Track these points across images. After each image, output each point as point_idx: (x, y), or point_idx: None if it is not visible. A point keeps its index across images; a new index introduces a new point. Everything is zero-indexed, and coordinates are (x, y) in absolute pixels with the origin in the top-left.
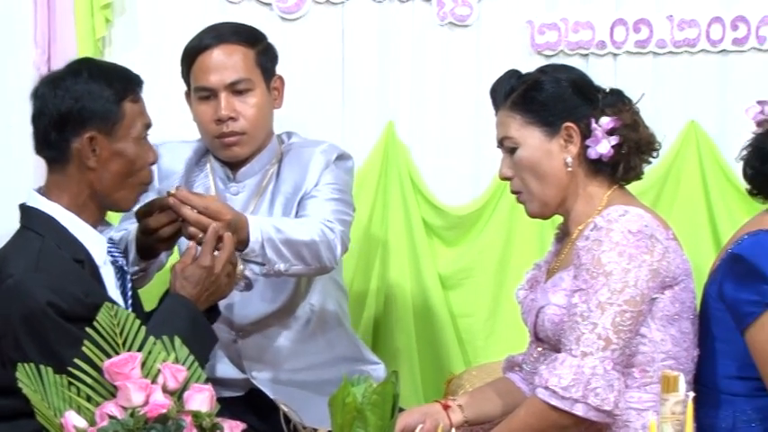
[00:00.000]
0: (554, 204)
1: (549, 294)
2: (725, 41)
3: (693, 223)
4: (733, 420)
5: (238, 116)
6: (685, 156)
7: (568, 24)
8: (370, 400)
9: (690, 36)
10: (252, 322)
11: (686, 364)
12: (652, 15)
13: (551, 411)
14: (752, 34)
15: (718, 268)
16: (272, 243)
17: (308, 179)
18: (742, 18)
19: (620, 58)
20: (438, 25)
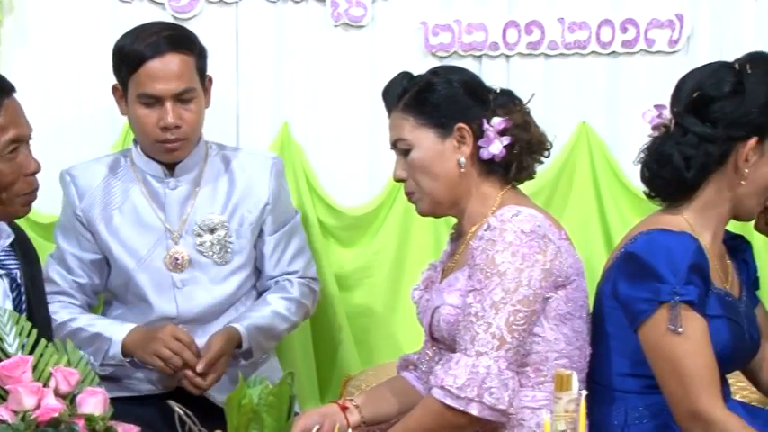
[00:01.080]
0: (446, 204)
1: (444, 294)
2: (615, 44)
3: (585, 223)
4: (625, 417)
5: (182, 123)
6: (577, 156)
7: (462, 26)
8: (266, 402)
9: (580, 38)
10: (194, 317)
11: (579, 363)
12: (543, 17)
13: (446, 411)
14: (641, 37)
15: (611, 267)
16: (263, 346)
17: (260, 188)
18: (631, 21)
19: (513, 60)
20: (332, 26)
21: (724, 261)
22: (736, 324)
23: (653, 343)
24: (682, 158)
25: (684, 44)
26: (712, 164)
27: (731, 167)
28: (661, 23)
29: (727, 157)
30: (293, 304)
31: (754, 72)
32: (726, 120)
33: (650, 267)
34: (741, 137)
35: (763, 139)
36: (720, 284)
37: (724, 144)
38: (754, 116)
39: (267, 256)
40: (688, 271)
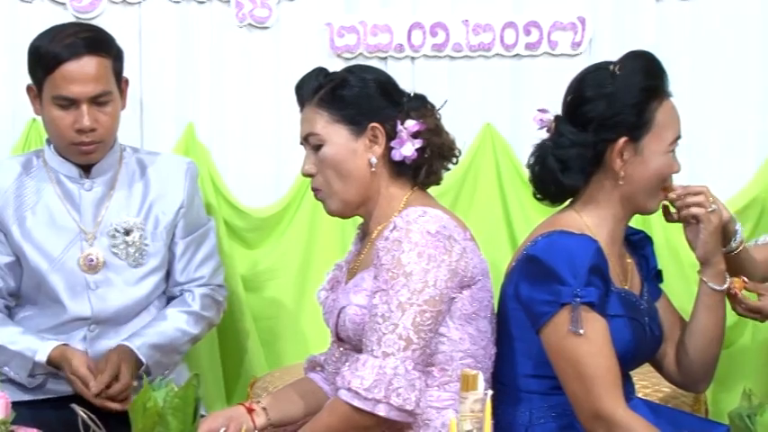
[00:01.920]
0: (355, 204)
1: (350, 295)
2: (518, 46)
3: (491, 224)
4: (530, 417)
5: (98, 126)
6: (482, 158)
7: (367, 27)
8: (171, 405)
9: (485, 40)
10: (107, 318)
11: (484, 363)
12: (448, 19)
13: (354, 412)
14: (544, 39)
15: (514, 268)
16: (163, 363)
17: (175, 190)
18: (534, 23)
19: (418, 62)
20: (237, 27)
21: (624, 260)
22: (637, 322)
23: (555, 345)
24: (556, 161)
25: (587, 46)
26: (589, 166)
27: (609, 168)
28: (564, 26)
29: (603, 158)
30: (192, 318)
31: (623, 73)
32: (596, 122)
33: (551, 270)
34: (612, 138)
35: (636, 138)
36: (620, 284)
37: (597, 146)
38: (622, 117)
39: (176, 260)
40: (588, 273)
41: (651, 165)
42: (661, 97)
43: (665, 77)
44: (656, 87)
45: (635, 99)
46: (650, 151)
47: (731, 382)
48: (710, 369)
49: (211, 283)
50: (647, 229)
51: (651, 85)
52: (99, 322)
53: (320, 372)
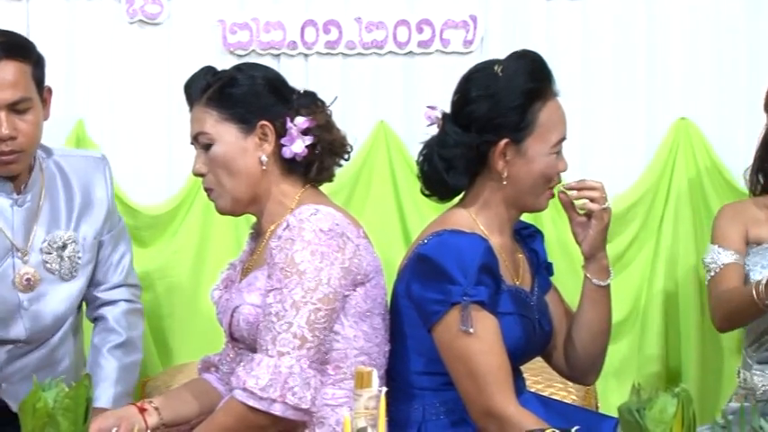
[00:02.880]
0: (245, 202)
1: (243, 294)
2: (411, 44)
3: (384, 221)
4: (423, 413)
5: (18, 134)
6: (375, 155)
7: (259, 24)
8: (62, 405)
9: (378, 38)
10: (40, 336)
11: (378, 360)
12: (341, 17)
13: (249, 412)
14: (436, 37)
15: (405, 267)
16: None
17: (99, 195)
18: (427, 21)
19: (311, 59)
20: (128, 23)
21: (515, 256)
22: (527, 319)
23: (446, 343)
24: (441, 160)
25: (479, 45)
26: (473, 166)
27: (493, 169)
28: (456, 24)
29: (487, 158)
30: (128, 347)
31: (505, 74)
32: (478, 122)
33: (441, 269)
34: (494, 139)
35: (518, 140)
36: (511, 281)
37: (480, 146)
38: (504, 119)
39: (99, 262)
40: (478, 272)
41: (534, 166)
42: (545, 98)
43: (550, 78)
44: (539, 89)
45: (517, 101)
46: (534, 152)
47: (621, 377)
48: (598, 362)
49: (128, 283)
50: (537, 224)
51: (534, 86)
52: (32, 341)
53: (215, 372)
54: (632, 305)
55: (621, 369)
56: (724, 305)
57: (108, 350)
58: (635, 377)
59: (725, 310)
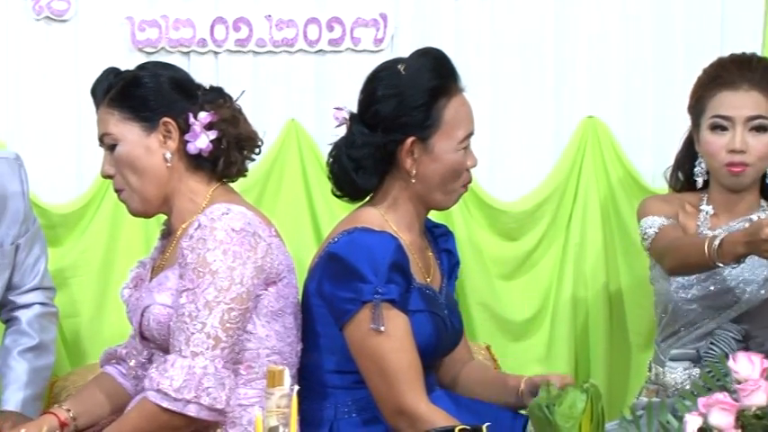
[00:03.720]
0: (156, 202)
1: (154, 293)
2: (322, 42)
3: (296, 219)
4: (335, 412)
5: None
6: (286, 153)
7: (169, 22)
8: None
9: (288, 36)
10: None
11: (291, 359)
12: (251, 14)
13: (163, 413)
14: (347, 35)
15: (317, 265)
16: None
17: (14, 198)
18: (337, 19)
19: (222, 57)
20: (34, 19)
21: (425, 254)
22: (437, 316)
23: (357, 342)
24: (350, 161)
25: (389, 43)
26: (381, 165)
27: (401, 167)
28: (366, 22)
29: (394, 157)
30: (40, 350)
31: (409, 72)
32: (384, 122)
33: (352, 267)
34: (400, 138)
35: (425, 138)
36: (422, 278)
37: (387, 145)
38: (409, 117)
39: (16, 266)
40: (389, 270)
41: (442, 162)
42: (449, 95)
43: (454, 74)
44: (443, 86)
45: (421, 99)
46: (441, 149)
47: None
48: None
49: (43, 286)
50: (448, 224)
51: (438, 83)
52: None
53: (116, 365)
54: (541, 303)
55: (531, 366)
56: (674, 252)
57: (19, 353)
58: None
59: (677, 258)
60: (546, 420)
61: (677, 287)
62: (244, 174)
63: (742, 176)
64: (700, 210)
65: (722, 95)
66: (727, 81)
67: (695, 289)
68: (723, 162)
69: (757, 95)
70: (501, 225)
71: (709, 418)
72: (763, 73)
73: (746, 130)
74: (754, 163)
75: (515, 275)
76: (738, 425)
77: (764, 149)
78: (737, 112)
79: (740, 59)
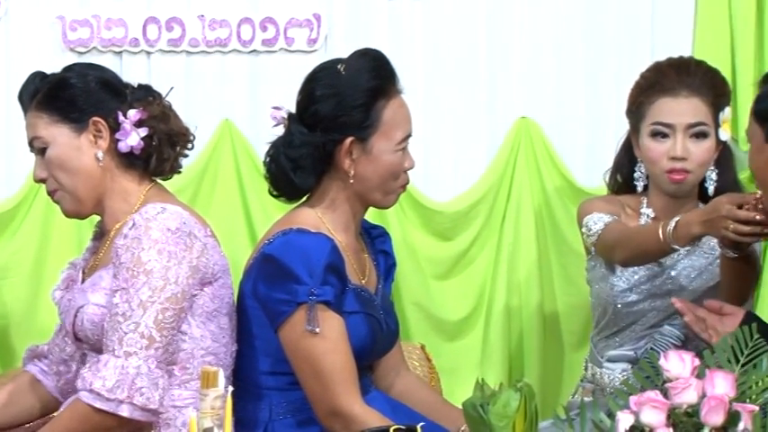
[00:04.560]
0: (89, 202)
1: (87, 294)
2: (255, 42)
3: (230, 220)
4: (269, 413)
5: None
6: (221, 154)
7: (101, 21)
8: None
9: (221, 36)
10: None
11: (225, 360)
12: (184, 14)
13: (95, 414)
14: (281, 35)
15: (252, 266)
16: None
17: None
18: (271, 20)
19: (154, 57)
20: None
21: (361, 255)
22: (373, 318)
23: (292, 343)
24: (288, 160)
25: (323, 43)
26: (320, 165)
27: (339, 167)
28: (300, 23)
29: (333, 157)
30: None
31: (348, 73)
32: (323, 122)
33: (287, 269)
34: (339, 138)
35: (363, 138)
36: (358, 280)
37: (326, 145)
38: (348, 117)
39: None
40: (324, 271)
41: (380, 163)
42: (388, 96)
43: (393, 75)
44: (382, 86)
45: (360, 99)
46: (379, 150)
47: (465, 373)
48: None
49: None
50: (383, 224)
51: (377, 84)
52: None
53: (38, 363)
54: (475, 302)
55: (465, 365)
56: (626, 242)
57: None
58: (478, 373)
59: (630, 248)
60: (480, 419)
61: (619, 290)
62: (178, 171)
63: (683, 183)
64: (640, 213)
65: (662, 102)
66: (667, 87)
67: (637, 291)
68: (664, 169)
69: (697, 102)
70: (435, 225)
71: (641, 417)
72: (703, 78)
73: (687, 136)
74: (695, 170)
75: (450, 275)
76: (669, 423)
77: (705, 156)
78: (678, 120)
79: (678, 64)
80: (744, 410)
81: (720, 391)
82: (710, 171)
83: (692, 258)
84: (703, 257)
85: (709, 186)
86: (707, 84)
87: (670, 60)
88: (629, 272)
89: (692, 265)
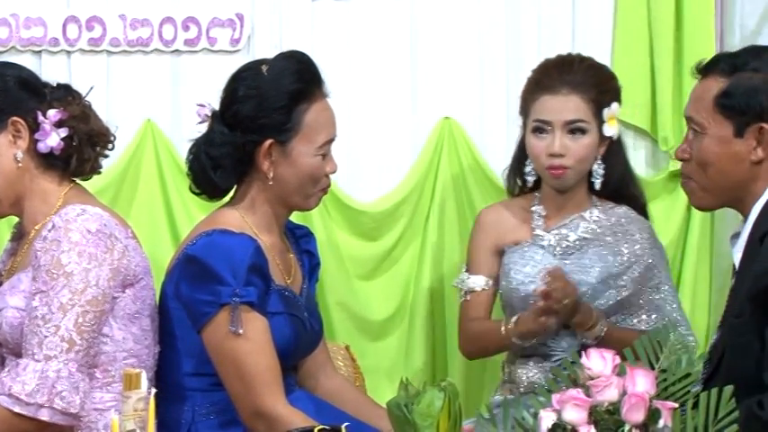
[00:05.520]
0: (7, 202)
1: (6, 296)
2: (177, 42)
3: (153, 221)
4: (192, 414)
5: None
6: (142, 154)
7: (19, 20)
8: None
9: (143, 35)
10: None
11: (148, 362)
12: (104, 13)
13: (14, 418)
14: (203, 35)
15: (174, 267)
16: None
17: None
18: (193, 19)
19: (74, 56)
20: None
21: (285, 256)
22: (296, 318)
23: (216, 345)
24: (208, 159)
25: (246, 43)
26: (240, 165)
27: (259, 169)
28: (222, 23)
29: (252, 158)
30: None
31: (271, 74)
32: (243, 122)
33: (210, 270)
34: (258, 139)
35: (283, 141)
36: (282, 280)
37: (246, 146)
38: (268, 119)
39: None
40: (247, 272)
41: (300, 167)
42: (311, 99)
43: (318, 79)
44: (304, 90)
45: (282, 101)
46: (299, 153)
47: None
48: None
49: None
50: (307, 224)
51: (299, 87)
52: None
53: None
54: (400, 302)
55: (390, 366)
56: (473, 340)
57: None
58: (403, 373)
59: (474, 345)
60: (404, 419)
61: (516, 284)
62: (98, 171)
63: (563, 179)
64: (532, 211)
65: (543, 99)
66: (548, 85)
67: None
68: (544, 165)
69: (576, 99)
70: (360, 225)
71: (563, 415)
72: (584, 75)
73: (565, 133)
74: (574, 165)
75: (374, 275)
76: (591, 420)
77: (583, 152)
78: (556, 117)
79: (562, 62)
80: (664, 408)
81: (641, 388)
82: (597, 166)
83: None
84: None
85: (596, 181)
86: (589, 81)
87: (556, 58)
88: (527, 267)
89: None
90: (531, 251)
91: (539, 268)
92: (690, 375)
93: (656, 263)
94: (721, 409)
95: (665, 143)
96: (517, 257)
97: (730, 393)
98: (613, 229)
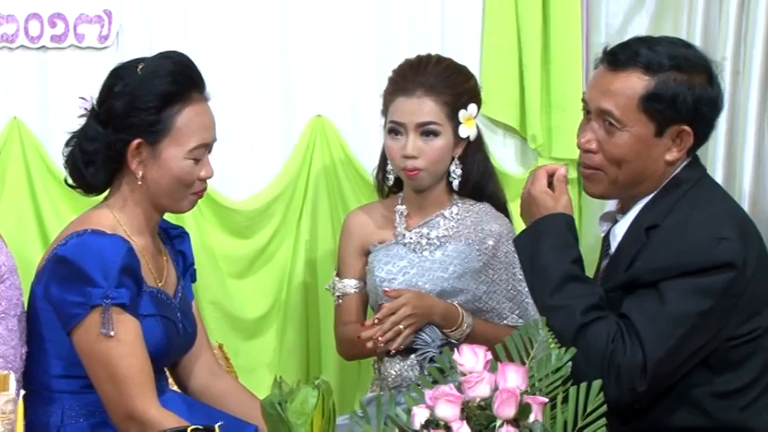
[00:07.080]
0: None
1: None
2: (44, 38)
3: (20, 220)
4: (62, 417)
5: None
6: (9, 152)
7: None
8: None
9: (8, 32)
10: None
11: (15, 363)
12: None
13: None
14: (71, 32)
15: (44, 268)
16: None
17: None
18: (60, 15)
19: None
20: None
21: (159, 258)
22: (169, 321)
23: (86, 347)
24: (81, 154)
25: (114, 40)
26: (110, 163)
27: (129, 168)
28: (90, 19)
29: (124, 157)
30: None
31: (144, 74)
32: (114, 120)
33: (81, 271)
34: (127, 138)
35: (152, 141)
36: (154, 282)
37: (116, 144)
38: (137, 119)
39: None
40: (119, 274)
41: (169, 169)
42: (186, 102)
43: (195, 81)
44: (177, 91)
45: (152, 102)
46: (168, 156)
47: (265, 371)
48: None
49: None
50: (179, 223)
51: (172, 89)
52: None
53: None
54: (274, 299)
55: (263, 364)
56: (348, 345)
57: None
58: (276, 371)
59: (350, 351)
60: (278, 417)
61: (379, 281)
62: None
63: (417, 179)
64: (395, 211)
65: (398, 101)
66: (403, 87)
67: (397, 281)
68: (400, 166)
69: (429, 102)
70: (232, 224)
71: (436, 411)
72: (437, 77)
73: (418, 135)
74: (427, 167)
75: (247, 274)
76: (463, 416)
77: (435, 154)
78: (409, 119)
79: (418, 63)
80: (534, 403)
81: (512, 384)
82: (455, 166)
83: (449, 251)
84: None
85: (454, 181)
86: (443, 83)
87: (413, 59)
88: (389, 265)
89: (450, 256)
90: (395, 250)
91: (400, 266)
92: (560, 370)
93: (516, 258)
94: (590, 404)
95: (533, 141)
96: (381, 256)
97: (599, 388)
98: (473, 227)
